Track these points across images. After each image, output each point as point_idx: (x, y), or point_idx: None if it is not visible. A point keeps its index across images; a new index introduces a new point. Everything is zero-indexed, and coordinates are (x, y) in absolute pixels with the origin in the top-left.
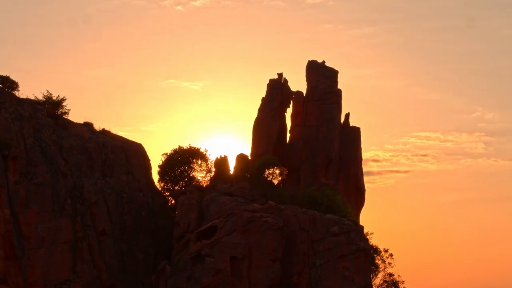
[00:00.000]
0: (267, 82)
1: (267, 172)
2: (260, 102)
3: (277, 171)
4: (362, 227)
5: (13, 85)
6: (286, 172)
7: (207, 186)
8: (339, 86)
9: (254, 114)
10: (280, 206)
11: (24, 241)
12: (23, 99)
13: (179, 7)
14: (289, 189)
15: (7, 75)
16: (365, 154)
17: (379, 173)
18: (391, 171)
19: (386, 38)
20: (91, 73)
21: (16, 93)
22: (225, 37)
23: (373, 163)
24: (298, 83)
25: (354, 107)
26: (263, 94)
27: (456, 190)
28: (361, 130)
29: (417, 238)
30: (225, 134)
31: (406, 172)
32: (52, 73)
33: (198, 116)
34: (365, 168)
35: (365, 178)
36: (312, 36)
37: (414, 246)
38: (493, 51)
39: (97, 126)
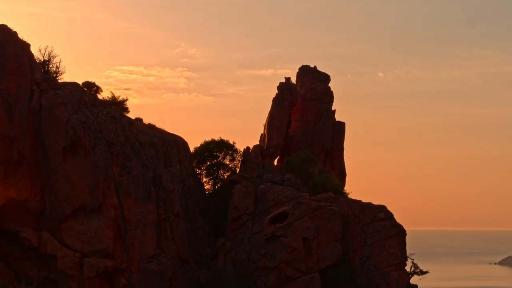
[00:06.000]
0: None
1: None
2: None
3: (316, 166)
4: None
5: (98, 89)
6: (318, 166)
7: (251, 175)
8: None
9: None
10: (336, 196)
11: (126, 224)
12: (104, 101)
13: None
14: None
15: (93, 81)
16: None
17: None
18: None
19: None
20: None
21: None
22: None
23: None
24: None
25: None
26: None
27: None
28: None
29: None
30: None
31: None
32: None
33: None
34: None
35: None
36: None
37: None
38: None
39: None
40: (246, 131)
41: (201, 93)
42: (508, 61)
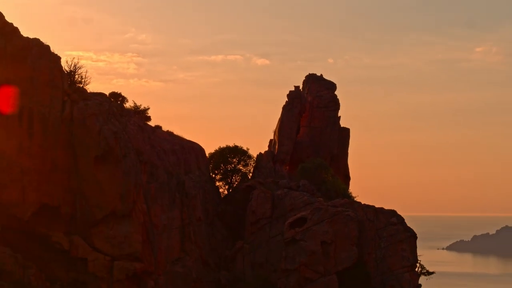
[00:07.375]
0: None
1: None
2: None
3: (329, 172)
4: None
5: (124, 99)
6: (331, 172)
7: (267, 181)
8: None
9: None
10: (351, 201)
11: (154, 228)
12: (129, 110)
13: None
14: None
15: (119, 92)
16: None
17: None
18: None
19: None
20: None
21: None
22: None
23: None
24: None
25: None
26: None
27: None
28: None
29: None
30: None
31: None
32: None
33: None
34: None
35: None
36: None
37: None
38: None
39: None
40: (199, 117)
41: (151, 79)
42: (455, 48)
